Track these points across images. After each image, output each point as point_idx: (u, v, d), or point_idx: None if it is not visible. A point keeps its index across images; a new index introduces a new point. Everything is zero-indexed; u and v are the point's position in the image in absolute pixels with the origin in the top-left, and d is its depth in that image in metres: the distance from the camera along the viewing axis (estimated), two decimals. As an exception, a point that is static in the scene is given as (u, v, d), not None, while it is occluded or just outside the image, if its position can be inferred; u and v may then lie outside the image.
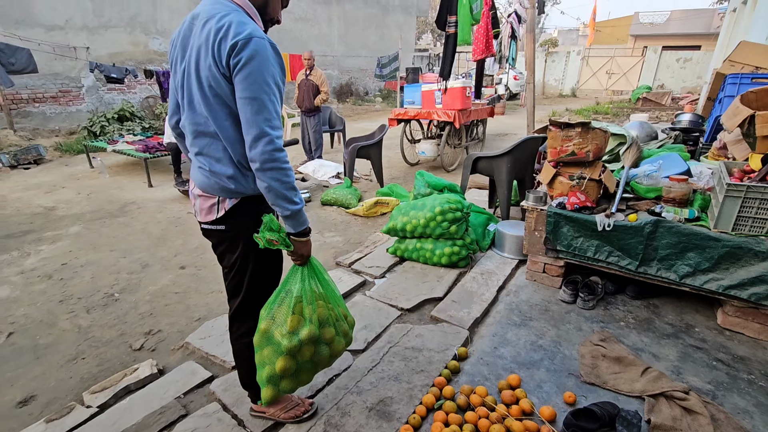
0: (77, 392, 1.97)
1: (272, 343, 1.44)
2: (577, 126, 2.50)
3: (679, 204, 2.40)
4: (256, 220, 1.38)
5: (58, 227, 4.09)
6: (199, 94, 1.27)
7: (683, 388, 1.83)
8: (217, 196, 1.38)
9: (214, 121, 1.28)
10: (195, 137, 1.36)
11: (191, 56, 1.27)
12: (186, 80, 1.32)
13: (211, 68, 1.21)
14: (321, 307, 1.49)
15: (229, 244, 1.46)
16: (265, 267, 1.52)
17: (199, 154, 1.38)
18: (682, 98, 14.22)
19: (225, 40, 1.18)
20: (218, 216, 1.39)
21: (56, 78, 8.45)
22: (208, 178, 1.37)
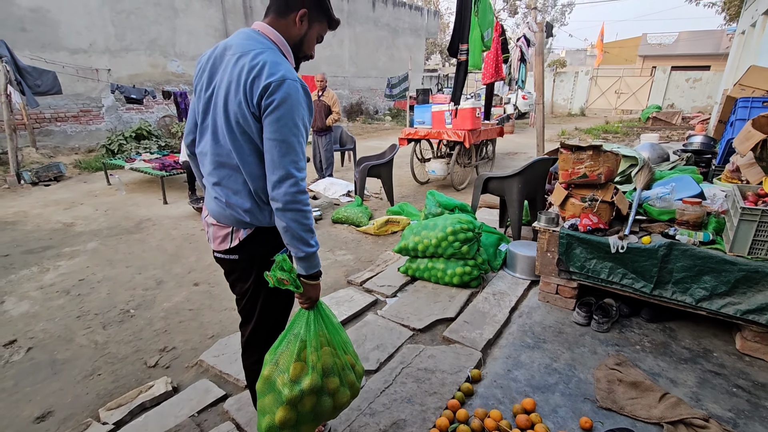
0: (93, 408, 1.99)
1: (274, 391, 1.35)
2: (589, 149, 2.53)
3: (693, 227, 2.40)
4: (270, 251, 1.38)
5: (76, 243, 4.18)
6: (225, 128, 1.27)
7: (703, 415, 1.79)
8: (231, 226, 1.38)
9: (238, 155, 1.27)
10: (215, 167, 1.35)
11: (220, 88, 1.27)
12: (212, 111, 1.31)
13: (240, 105, 1.21)
14: (326, 355, 1.39)
15: (241, 273, 1.46)
16: (276, 297, 1.49)
17: (217, 185, 1.37)
18: (692, 118, 14.20)
19: (258, 79, 1.18)
20: (231, 246, 1.39)
21: (78, 98, 8.77)
22: (224, 209, 1.37)
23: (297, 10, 1.29)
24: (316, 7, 1.32)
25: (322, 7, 1.33)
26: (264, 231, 1.39)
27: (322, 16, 1.35)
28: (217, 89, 1.29)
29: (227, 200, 1.36)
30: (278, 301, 1.52)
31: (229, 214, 1.37)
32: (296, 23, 1.30)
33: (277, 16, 1.31)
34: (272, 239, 1.40)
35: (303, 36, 1.34)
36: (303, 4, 1.29)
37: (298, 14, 1.29)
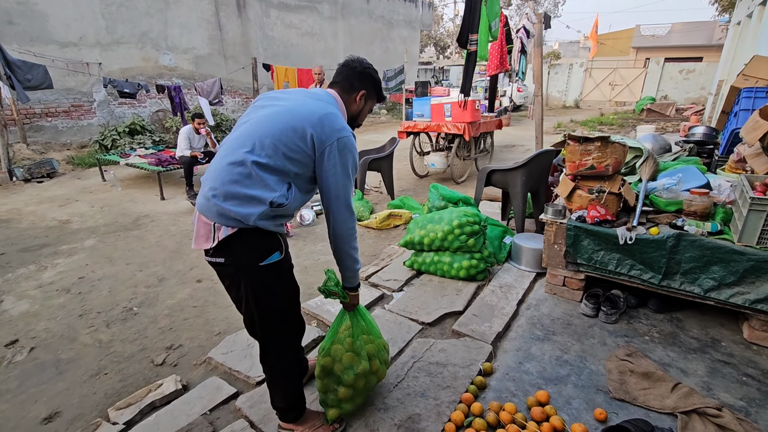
0: (102, 408, 1.96)
1: (332, 375, 1.72)
2: (596, 140, 2.52)
3: (700, 217, 2.40)
4: (257, 256, 1.40)
5: (74, 240, 4.11)
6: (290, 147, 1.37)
7: (716, 404, 1.80)
8: (212, 221, 1.37)
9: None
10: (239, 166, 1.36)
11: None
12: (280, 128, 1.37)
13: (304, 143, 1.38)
14: (368, 342, 1.78)
15: (231, 280, 1.48)
16: (274, 298, 1.50)
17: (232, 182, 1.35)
18: (686, 109, 14.29)
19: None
20: (213, 245, 1.38)
21: (69, 93, 8.60)
22: (208, 200, 1.36)
23: (358, 91, 1.57)
24: (371, 88, 1.61)
25: (377, 88, 1.63)
26: (249, 232, 1.37)
27: (374, 96, 1.63)
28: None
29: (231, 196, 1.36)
30: (276, 304, 1.52)
31: (212, 206, 1.36)
32: (356, 101, 1.58)
33: (342, 92, 1.56)
34: (259, 243, 1.40)
35: (359, 111, 1.62)
36: (363, 87, 1.57)
37: (359, 94, 1.57)
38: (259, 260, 1.40)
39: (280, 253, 1.46)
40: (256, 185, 1.33)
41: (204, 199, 1.38)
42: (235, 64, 11.24)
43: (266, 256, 1.41)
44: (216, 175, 1.37)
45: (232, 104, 11.68)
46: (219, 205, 1.33)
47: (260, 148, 1.33)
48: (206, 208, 1.37)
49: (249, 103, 11.73)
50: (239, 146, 1.35)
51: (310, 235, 4.18)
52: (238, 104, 11.92)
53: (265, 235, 1.40)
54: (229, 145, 1.40)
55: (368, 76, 1.58)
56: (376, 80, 1.62)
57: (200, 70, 10.66)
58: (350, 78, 1.56)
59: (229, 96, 11.49)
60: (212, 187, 1.36)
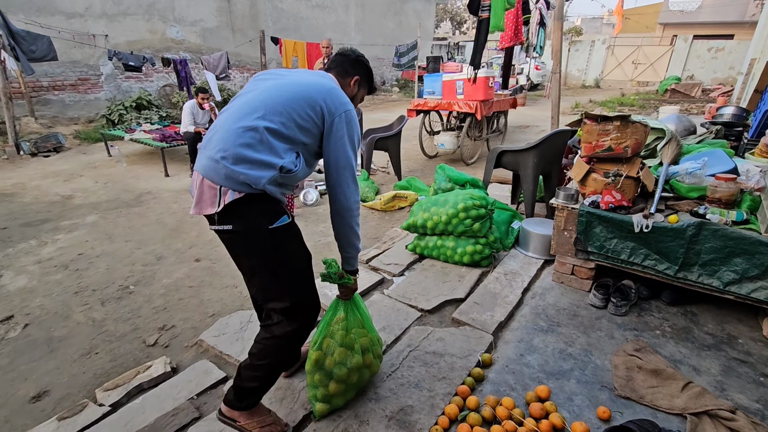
0: (90, 389, 1.92)
1: (323, 370, 1.67)
2: (615, 120, 2.33)
3: (725, 205, 2.22)
4: (267, 221, 1.39)
5: (75, 216, 4.09)
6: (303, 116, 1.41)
7: (729, 406, 1.68)
8: (219, 185, 1.33)
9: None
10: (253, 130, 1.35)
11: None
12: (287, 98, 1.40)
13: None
14: (362, 336, 1.74)
15: (241, 247, 1.44)
16: (287, 261, 1.47)
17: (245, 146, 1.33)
18: (713, 90, 13.62)
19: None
20: (219, 210, 1.33)
21: (75, 66, 8.51)
22: (216, 162, 1.32)
23: (353, 76, 1.64)
24: (364, 75, 1.68)
25: (369, 76, 1.71)
26: (255, 198, 1.36)
27: (366, 84, 1.70)
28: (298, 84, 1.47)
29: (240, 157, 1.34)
30: (292, 263, 1.48)
31: (221, 168, 1.31)
32: (351, 86, 1.64)
33: (338, 76, 1.62)
34: (266, 207, 1.39)
35: (354, 95, 1.67)
36: (357, 73, 1.65)
37: (353, 79, 1.64)
38: (269, 223, 1.39)
39: (288, 216, 1.46)
40: (267, 151, 1.33)
41: (211, 161, 1.34)
42: (243, 37, 10.99)
43: (275, 219, 1.41)
44: (226, 137, 1.34)
45: (240, 79, 11.48)
46: (229, 168, 1.30)
47: (273, 114, 1.35)
48: (213, 171, 1.33)
49: (258, 78, 11.54)
50: (250, 111, 1.35)
51: (312, 216, 4.08)
52: (246, 79, 11.71)
53: (271, 200, 1.40)
54: (238, 110, 1.39)
55: (361, 63, 1.67)
56: (369, 69, 1.70)
57: (208, 43, 10.45)
58: (344, 64, 1.64)
59: (237, 71, 11.29)
60: (222, 149, 1.32)
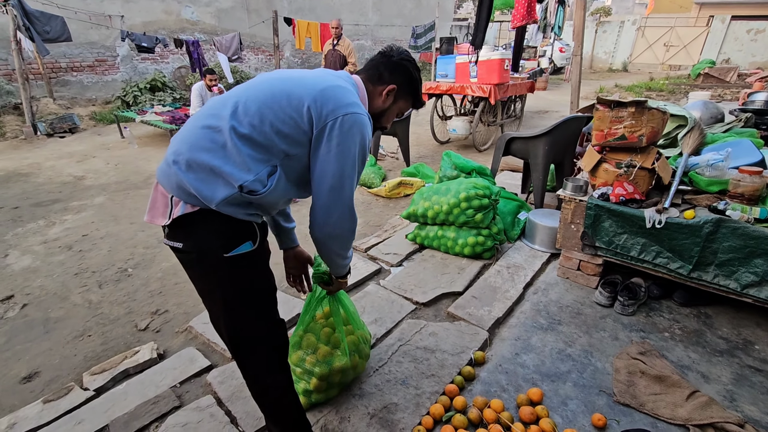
0: (79, 371, 1.93)
1: (304, 367, 1.61)
2: (630, 105, 2.15)
3: (748, 201, 2.04)
4: (223, 244, 1.13)
5: (84, 197, 4.14)
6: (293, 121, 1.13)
7: (737, 419, 1.56)
8: (170, 194, 1.11)
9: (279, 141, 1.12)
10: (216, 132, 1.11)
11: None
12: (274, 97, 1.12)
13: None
14: (348, 334, 1.68)
15: (192, 269, 1.21)
16: (242, 300, 1.21)
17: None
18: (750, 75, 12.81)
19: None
20: (167, 223, 1.12)
21: (92, 47, 8.57)
22: (169, 166, 1.11)
23: (387, 85, 1.28)
24: (407, 85, 1.30)
25: (413, 87, 1.32)
26: (213, 215, 1.11)
27: (409, 96, 1.34)
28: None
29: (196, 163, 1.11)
30: (247, 302, 1.22)
31: (172, 174, 1.10)
32: (382, 96, 1.29)
33: (367, 81, 1.29)
34: (225, 229, 1.13)
35: (385, 109, 1.32)
36: (394, 80, 1.28)
37: (386, 88, 1.28)
38: (225, 249, 1.13)
39: (253, 242, 1.18)
40: (228, 160, 1.06)
41: (164, 164, 1.13)
42: (258, 17, 10.85)
43: (234, 245, 1.14)
44: (184, 137, 1.12)
45: (255, 61, 11.41)
46: (179, 175, 1.08)
47: (243, 113, 1.08)
48: (165, 176, 1.12)
49: (272, 60, 11.44)
50: (221, 107, 1.11)
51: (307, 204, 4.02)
52: (261, 61, 11.63)
53: (234, 220, 1.13)
54: (212, 105, 1.16)
55: (403, 68, 1.29)
56: (413, 78, 1.30)
57: (223, 24, 10.37)
58: (379, 67, 1.28)
59: (251, 53, 11.21)
60: (176, 151, 1.10)
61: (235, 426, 1.59)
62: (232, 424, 1.60)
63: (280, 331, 1.31)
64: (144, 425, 1.59)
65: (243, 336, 1.25)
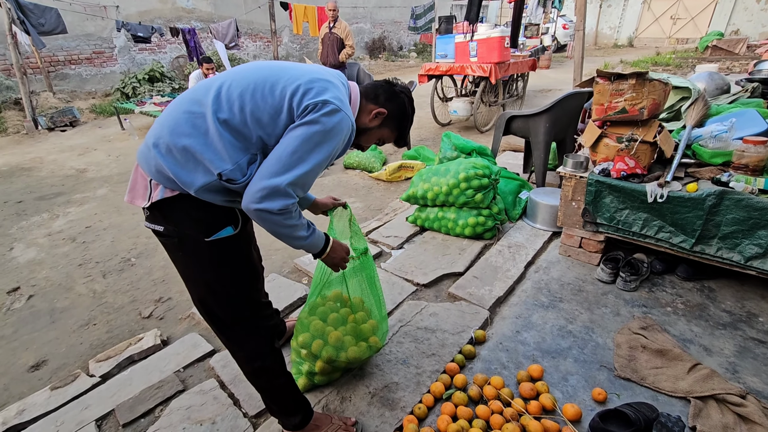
0: (85, 359, 1.97)
1: (310, 350, 1.59)
2: (631, 77, 2.10)
3: (752, 172, 2.00)
4: (205, 230, 1.13)
5: (87, 189, 4.17)
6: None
7: (739, 391, 1.55)
8: (149, 177, 1.11)
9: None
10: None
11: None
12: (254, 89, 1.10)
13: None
14: (362, 322, 1.66)
15: (174, 253, 1.21)
16: (224, 283, 1.21)
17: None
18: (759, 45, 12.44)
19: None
20: (148, 204, 1.12)
21: (89, 39, 8.52)
22: (149, 149, 1.10)
23: (379, 106, 1.27)
24: (397, 117, 1.31)
25: (402, 122, 1.33)
26: (192, 200, 1.10)
27: (395, 129, 1.34)
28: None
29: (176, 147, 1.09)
30: (228, 286, 1.22)
31: (151, 157, 1.09)
32: (371, 114, 1.27)
33: (363, 96, 1.27)
34: (205, 214, 1.12)
35: (369, 128, 1.30)
36: (386, 107, 1.27)
37: (377, 109, 1.26)
38: (206, 234, 1.13)
39: (234, 227, 1.18)
40: (210, 146, 1.05)
41: (144, 146, 1.13)
42: (255, 3, 10.68)
43: (215, 230, 1.14)
44: (166, 121, 1.11)
45: (253, 48, 11.29)
46: (158, 159, 1.07)
47: (226, 99, 1.07)
48: (144, 159, 1.12)
49: (270, 47, 11.30)
50: (204, 93, 1.10)
51: (315, 188, 4.01)
52: (259, 48, 11.51)
53: (215, 206, 1.13)
54: (195, 90, 1.14)
55: (400, 101, 1.30)
56: (406, 113, 1.32)
57: (219, 11, 10.23)
58: (378, 89, 1.29)
59: (249, 39, 11.08)
60: (157, 134, 1.09)
61: (238, 408, 1.62)
62: (235, 406, 1.62)
63: (265, 314, 1.32)
64: (149, 409, 1.62)
65: (227, 320, 1.26)
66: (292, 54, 12.36)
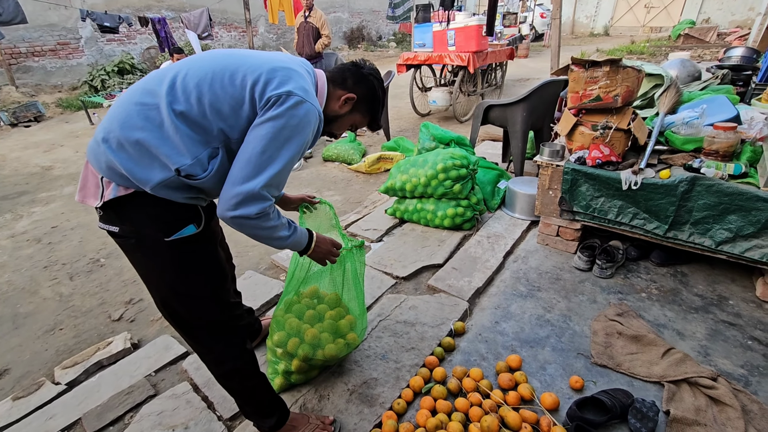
0: (50, 366, 1.88)
1: (286, 349, 1.54)
2: (605, 65, 2.09)
3: (722, 158, 2.03)
4: (163, 229, 1.05)
5: (53, 188, 3.99)
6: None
7: (711, 373, 1.59)
8: (100, 174, 1.03)
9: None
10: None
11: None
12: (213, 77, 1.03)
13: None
14: (340, 318, 1.63)
15: (132, 254, 1.13)
16: (187, 285, 1.14)
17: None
18: (729, 34, 12.77)
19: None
20: (98, 204, 1.04)
21: (53, 29, 8.12)
22: (98, 144, 1.02)
23: (347, 92, 1.22)
24: (368, 100, 1.25)
25: (373, 105, 1.27)
26: (149, 198, 1.03)
27: (367, 113, 1.29)
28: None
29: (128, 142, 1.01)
30: (192, 288, 1.15)
31: (101, 153, 1.01)
32: (339, 101, 1.22)
33: (330, 82, 1.22)
34: (164, 212, 1.05)
35: (339, 115, 1.25)
36: (357, 90, 1.22)
37: (346, 95, 1.21)
38: (166, 234, 1.05)
39: (197, 225, 1.11)
40: (166, 140, 0.98)
41: (93, 142, 1.04)
42: (229, -8, 10.37)
43: (175, 229, 1.07)
44: (116, 114, 1.02)
45: (227, 38, 10.97)
46: (108, 155, 0.99)
47: (181, 89, 1.00)
48: (94, 155, 1.03)
49: (245, 37, 11.00)
50: (158, 83, 1.02)
51: (293, 181, 3.93)
52: (234, 38, 11.20)
53: (175, 203, 1.06)
54: (148, 80, 1.06)
55: (369, 83, 1.24)
56: (377, 96, 1.27)
57: (191, 0, 9.89)
58: (346, 72, 1.23)
59: (223, 29, 10.76)
60: (107, 128, 1.01)
61: (213, 411, 1.57)
62: (209, 409, 1.57)
63: (234, 314, 1.26)
64: (118, 416, 1.56)
65: (194, 322, 1.20)
66: (269, 44, 12.07)
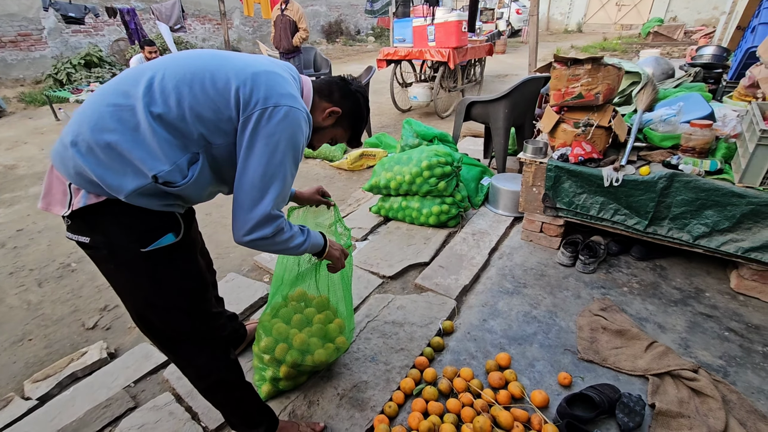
0: (19, 380, 1.78)
1: (273, 356, 1.51)
2: (587, 62, 2.11)
3: (699, 154, 2.08)
4: (138, 237, 0.98)
5: (17, 188, 3.77)
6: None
7: (692, 366, 1.63)
8: (68, 181, 0.95)
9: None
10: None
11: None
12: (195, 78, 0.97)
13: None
14: (329, 322, 1.58)
15: (104, 266, 1.05)
16: (166, 298, 1.07)
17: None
18: (695, 32, 13.25)
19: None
20: (66, 213, 0.96)
21: (12, 19, 7.68)
22: (66, 148, 0.93)
23: (333, 105, 1.19)
24: (352, 116, 1.24)
25: (357, 122, 1.26)
26: (122, 206, 0.96)
27: (349, 129, 1.27)
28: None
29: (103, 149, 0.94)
30: (172, 301, 1.09)
31: (69, 157, 0.93)
32: (324, 113, 1.19)
33: (316, 93, 1.19)
34: (139, 221, 0.98)
35: (321, 128, 1.22)
36: (342, 104, 1.20)
37: (331, 108, 1.18)
38: (141, 244, 0.98)
39: (176, 234, 1.04)
40: (141, 144, 0.91)
41: (60, 145, 0.95)
42: (201, -17, 10.05)
43: (152, 238, 0.99)
44: (86, 115, 0.94)
45: (201, 31, 10.64)
46: (77, 159, 0.91)
47: (159, 91, 0.93)
48: (60, 160, 0.95)
49: (220, 30, 10.70)
50: (133, 83, 0.95)
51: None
52: (208, 31, 10.87)
53: (151, 212, 0.99)
54: (122, 79, 0.98)
55: (355, 99, 1.23)
56: (361, 114, 1.26)
57: (161, -9, 9.51)
58: (332, 86, 1.21)
59: (197, 21, 10.43)
60: (76, 131, 0.93)
61: (197, 422, 1.51)
62: (193, 420, 1.52)
63: (215, 325, 1.20)
64: (96, 431, 1.48)
65: (173, 336, 1.14)
66: (244, 38, 11.77)
